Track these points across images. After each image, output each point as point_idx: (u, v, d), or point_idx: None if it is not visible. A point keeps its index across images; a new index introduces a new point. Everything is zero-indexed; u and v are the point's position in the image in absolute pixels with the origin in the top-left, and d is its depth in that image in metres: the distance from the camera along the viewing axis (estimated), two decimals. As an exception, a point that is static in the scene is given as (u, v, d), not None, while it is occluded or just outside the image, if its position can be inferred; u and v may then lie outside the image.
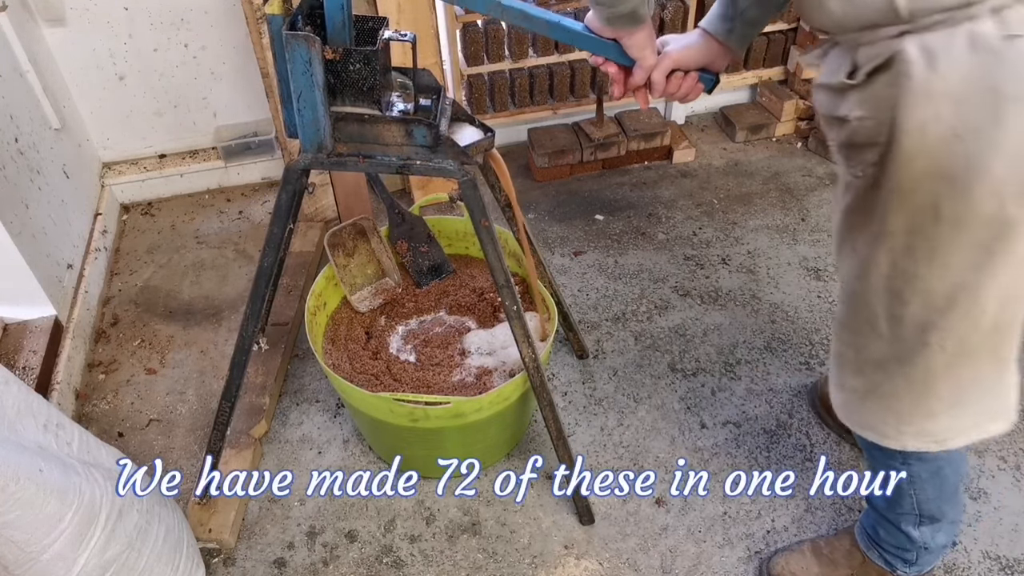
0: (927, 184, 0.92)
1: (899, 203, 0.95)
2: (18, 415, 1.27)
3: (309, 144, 1.20)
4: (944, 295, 0.99)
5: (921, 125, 0.88)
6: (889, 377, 1.11)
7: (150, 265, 2.33)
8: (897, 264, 1.00)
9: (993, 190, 0.88)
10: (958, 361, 1.05)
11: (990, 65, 0.83)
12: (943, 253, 0.95)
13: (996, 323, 1.00)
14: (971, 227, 0.92)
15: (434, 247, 1.83)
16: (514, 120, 2.64)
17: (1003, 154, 0.86)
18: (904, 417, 1.14)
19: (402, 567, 1.60)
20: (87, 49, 2.25)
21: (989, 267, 0.94)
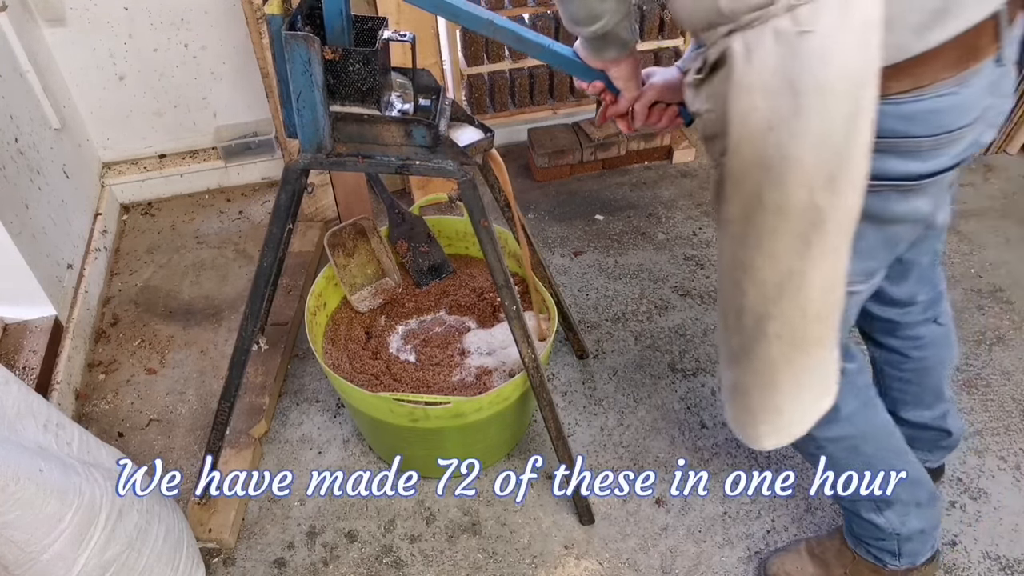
0: (752, 173, 0.95)
1: (733, 192, 0.99)
2: (18, 415, 1.27)
3: (308, 144, 1.20)
4: (775, 284, 1.01)
5: (743, 116, 0.92)
6: (743, 372, 1.13)
7: (150, 265, 2.33)
8: (736, 254, 1.03)
9: (803, 180, 0.91)
10: (792, 351, 1.07)
11: (788, 59, 0.87)
12: (770, 242, 0.98)
13: (819, 312, 1.02)
14: (790, 216, 0.95)
15: (434, 247, 1.83)
16: (514, 120, 2.64)
17: (806, 145, 0.89)
18: (757, 415, 1.16)
19: (402, 567, 1.60)
20: (87, 49, 2.25)
21: (809, 256, 0.97)
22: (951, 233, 2.33)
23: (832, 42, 0.85)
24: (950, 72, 0.91)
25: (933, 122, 0.94)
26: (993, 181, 2.54)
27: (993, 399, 1.87)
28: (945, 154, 0.98)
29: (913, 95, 0.92)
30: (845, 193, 0.92)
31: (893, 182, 0.99)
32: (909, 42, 0.88)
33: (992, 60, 0.96)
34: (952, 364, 1.50)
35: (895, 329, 1.42)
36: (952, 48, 0.90)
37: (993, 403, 1.86)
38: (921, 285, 1.36)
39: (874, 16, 0.84)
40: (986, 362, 1.95)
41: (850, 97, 0.87)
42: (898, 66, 0.89)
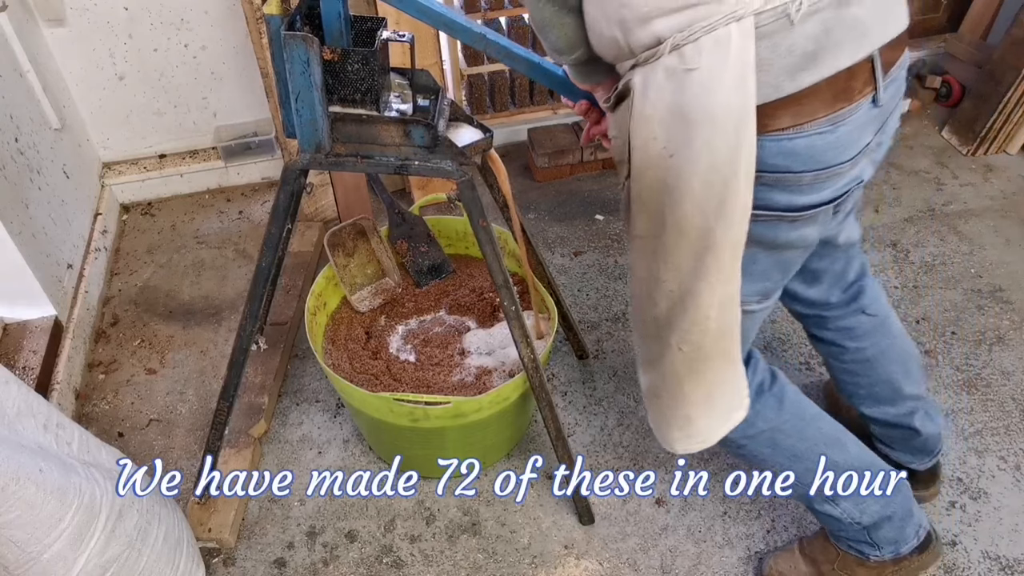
0: (655, 195, 1.02)
1: (639, 210, 1.06)
2: (18, 415, 1.27)
3: (307, 144, 1.20)
4: (679, 297, 1.08)
5: (644, 143, 1.00)
6: (656, 377, 1.21)
7: (150, 265, 2.33)
8: (648, 267, 1.10)
9: (698, 205, 0.98)
10: (697, 365, 1.14)
11: (678, 93, 0.94)
12: (674, 257, 1.05)
13: (720, 327, 1.09)
14: (688, 236, 1.02)
15: (434, 247, 1.83)
16: (514, 120, 2.64)
17: (698, 172, 0.96)
18: (669, 420, 1.23)
19: (402, 567, 1.60)
20: (87, 49, 2.25)
21: (704, 275, 1.04)
22: (951, 233, 2.33)
23: (714, 78, 0.92)
24: (824, 112, 0.98)
25: (812, 158, 1.00)
26: (993, 181, 2.54)
27: (993, 399, 1.87)
28: (827, 187, 1.05)
29: (790, 132, 0.98)
30: (732, 220, 0.99)
31: (779, 212, 1.05)
32: (782, 83, 0.94)
33: (868, 101, 1.02)
34: (906, 359, 1.51)
35: (824, 323, 1.49)
36: (825, 89, 0.96)
37: (993, 403, 1.86)
38: (834, 288, 1.44)
39: (748, 57, 0.91)
40: (986, 362, 1.95)
41: (732, 130, 0.94)
42: (774, 104, 0.95)
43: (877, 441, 1.62)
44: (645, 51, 0.96)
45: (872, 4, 0.96)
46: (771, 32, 0.91)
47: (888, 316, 1.49)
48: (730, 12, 0.90)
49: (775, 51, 0.92)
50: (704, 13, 0.90)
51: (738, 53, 0.90)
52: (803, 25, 0.91)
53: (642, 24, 0.94)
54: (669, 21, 0.92)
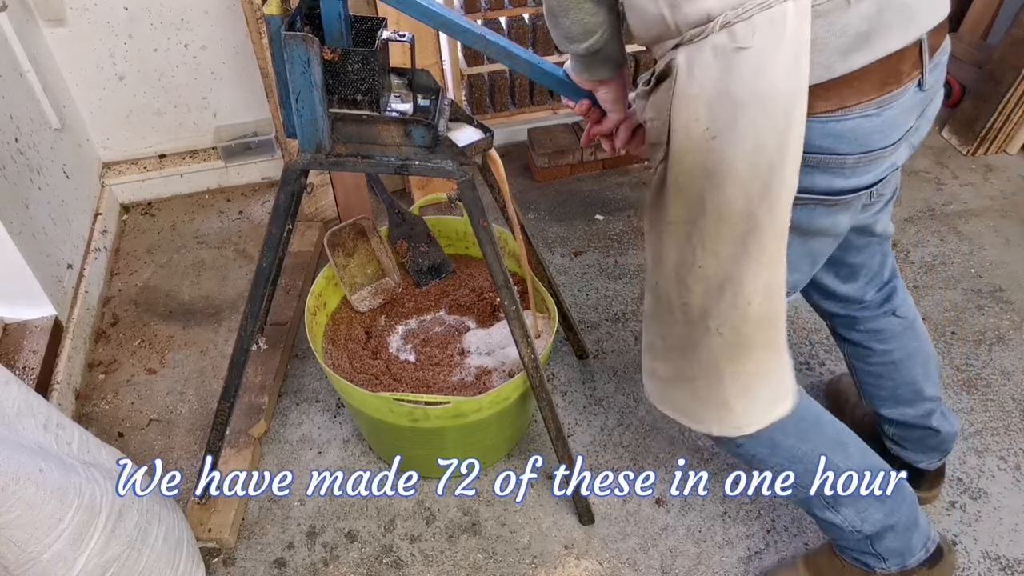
0: (695, 179, 1.01)
1: (676, 195, 1.05)
2: (18, 415, 1.27)
3: (307, 144, 1.20)
4: (717, 283, 1.07)
5: (685, 125, 0.98)
6: (688, 361, 1.19)
7: (150, 265, 2.33)
8: (682, 253, 1.09)
9: (741, 188, 0.97)
10: (737, 350, 1.12)
11: (726, 73, 0.93)
12: (712, 242, 1.04)
13: (764, 314, 1.08)
14: (729, 221, 1.00)
15: (434, 247, 1.83)
16: (514, 120, 2.64)
17: (743, 154, 0.95)
18: (704, 401, 1.22)
19: (402, 567, 1.60)
20: (87, 49, 2.25)
21: (746, 260, 1.03)
22: (951, 233, 2.34)
23: (766, 58, 0.90)
24: (873, 94, 0.97)
25: (857, 141, 0.99)
26: (993, 181, 2.54)
27: (993, 399, 1.87)
28: (869, 172, 1.04)
29: (838, 114, 0.97)
30: (777, 203, 0.97)
31: (819, 196, 1.04)
32: (834, 63, 0.92)
33: (914, 85, 1.01)
34: (927, 361, 1.50)
35: (854, 323, 1.47)
36: (875, 71, 0.95)
37: (993, 403, 1.86)
38: (870, 285, 1.42)
39: (804, 36, 0.89)
40: (986, 362, 1.95)
41: (782, 112, 0.92)
42: (824, 85, 0.94)
43: (889, 440, 1.61)
44: (693, 28, 0.94)
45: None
46: (827, 11, 0.90)
47: (916, 319, 1.48)
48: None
49: (831, 30, 0.90)
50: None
51: (794, 32, 0.89)
52: (859, 5, 0.90)
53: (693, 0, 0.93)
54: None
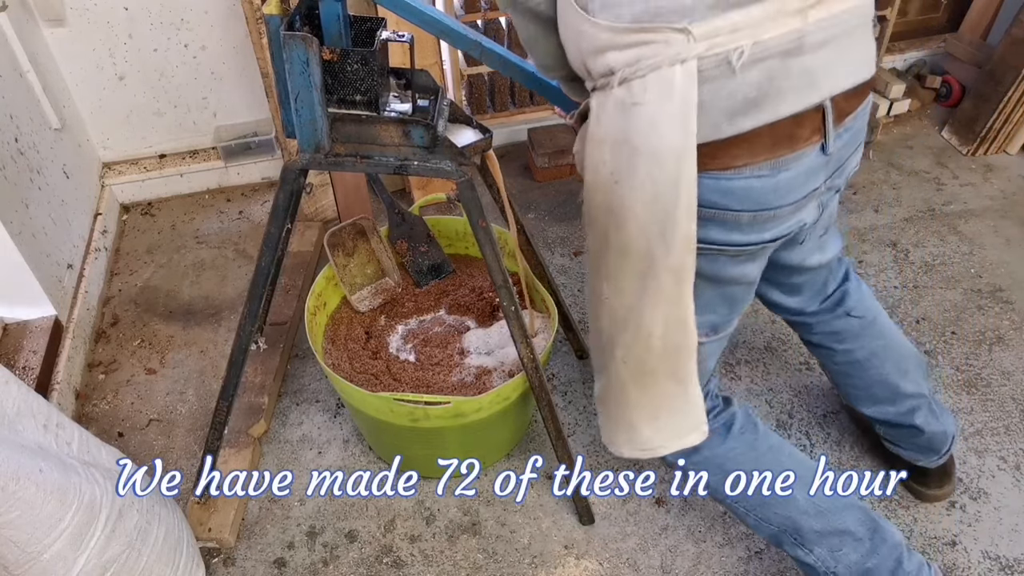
0: (601, 216, 1.06)
1: (588, 229, 1.10)
2: (18, 415, 1.27)
3: (307, 144, 1.20)
4: (621, 315, 1.11)
5: (594, 165, 1.03)
6: (604, 382, 1.25)
7: (150, 265, 2.33)
8: (591, 283, 1.14)
9: (641, 229, 1.01)
10: (642, 378, 1.16)
11: (625, 123, 0.97)
12: (616, 277, 1.09)
13: (667, 347, 1.11)
14: (630, 258, 1.05)
15: (434, 247, 1.83)
16: (514, 120, 2.64)
17: (641, 199, 0.99)
18: (614, 423, 1.27)
19: (402, 567, 1.60)
20: (87, 49, 2.25)
21: (645, 296, 1.07)
22: (951, 233, 2.33)
23: (658, 115, 0.94)
24: (764, 156, 0.98)
25: (751, 199, 1.02)
26: (993, 181, 2.54)
27: (993, 399, 1.87)
28: (768, 228, 1.06)
29: (729, 173, 0.99)
30: (674, 246, 1.01)
31: (719, 247, 1.07)
32: (722, 125, 0.95)
33: (815, 148, 1.02)
34: (901, 358, 1.50)
35: (810, 328, 1.50)
36: (765, 135, 0.98)
37: (993, 403, 1.86)
38: (815, 298, 1.45)
39: (691, 98, 0.92)
40: (986, 362, 1.95)
41: (674, 165, 0.96)
42: (714, 144, 0.97)
43: (884, 440, 1.62)
44: (601, 78, 0.99)
45: (826, 54, 0.96)
46: (714, 77, 0.93)
47: (877, 317, 1.48)
48: (675, 54, 0.91)
49: (717, 94, 0.94)
50: (651, 52, 0.92)
51: (682, 93, 0.92)
52: (745, 73, 0.92)
53: (597, 54, 0.97)
54: (619, 55, 0.95)
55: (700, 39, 0.91)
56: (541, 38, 1.08)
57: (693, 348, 1.11)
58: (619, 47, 0.94)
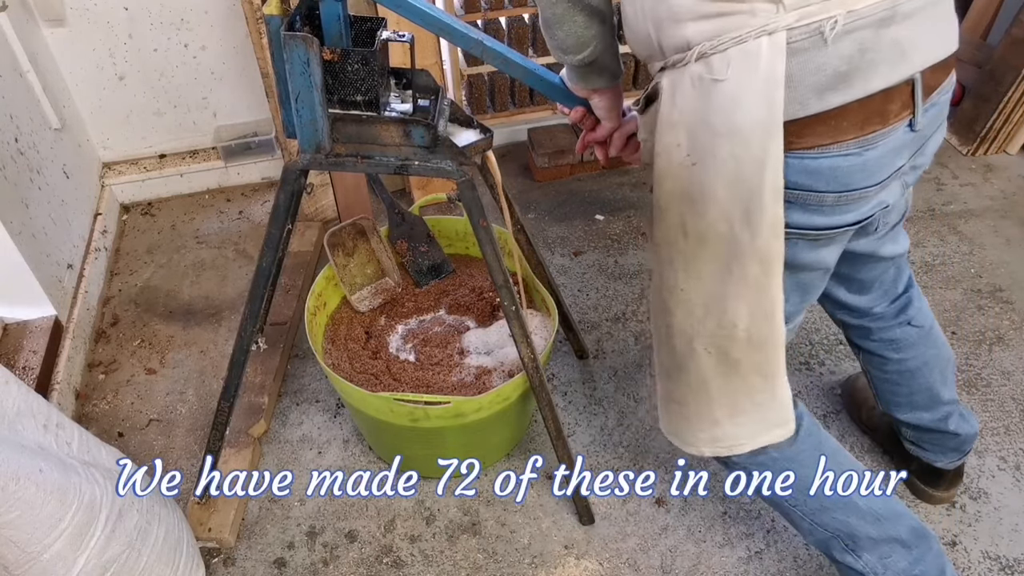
0: (675, 204, 1.01)
1: (660, 218, 1.06)
2: (18, 415, 1.27)
3: (307, 144, 1.20)
4: (700, 305, 1.07)
5: (667, 149, 0.98)
6: (676, 384, 1.20)
7: (150, 265, 2.33)
8: (664, 276, 1.09)
9: (723, 213, 0.97)
10: (725, 370, 1.12)
11: (704, 102, 0.93)
12: (694, 266, 1.04)
13: (753, 339, 1.07)
14: (711, 244, 1.01)
15: (434, 247, 1.83)
16: (514, 120, 2.64)
17: (723, 181, 0.95)
18: (693, 422, 1.23)
19: (402, 567, 1.60)
20: (87, 49, 2.25)
21: (730, 282, 1.02)
22: (951, 233, 2.33)
23: (741, 91, 0.90)
24: (853, 134, 0.94)
25: (837, 179, 0.97)
26: (993, 181, 2.54)
27: (993, 399, 1.87)
28: (851, 210, 1.02)
29: (815, 152, 0.94)
30: (761, 230, 0.96)
31: (799, 231, 1.03)
32: (809, 101, 0.91)
33: (904, 125, 0.97)
34: (945, 366, 1.49)
35: (869, 333, 1.45)
36: (855, 111, 0.93)
37: (993, 403, 1.86)
38: (884, 298, 1.40)
39: (778, 72, 0.88)
40: (986, 362, 1.95)
41: (759, 144, 0.91)
42: (800, 122, 0.92)
43: (907, 442, 1.60)
44: (675, 54, 0.95)
45: (916, 25, 0.92)
46: (803, 49, 0.88)
47: (933, 326, 1.46)
48: (761, 25, 0.87)
49: (805, 68, 0.89)
50: (735, 24, 0.88)
51: (767, 67, 0.88)
52: (837, 44, 0.88)
53: (674, 24, 0.92)
54: (700, 27, 0.91)
55: (791, 9, 0.86)
56: (568, 17, 1.04)
57: (781, 342, 1.07)
58: (699, 17, 0.89)
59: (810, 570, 1.57)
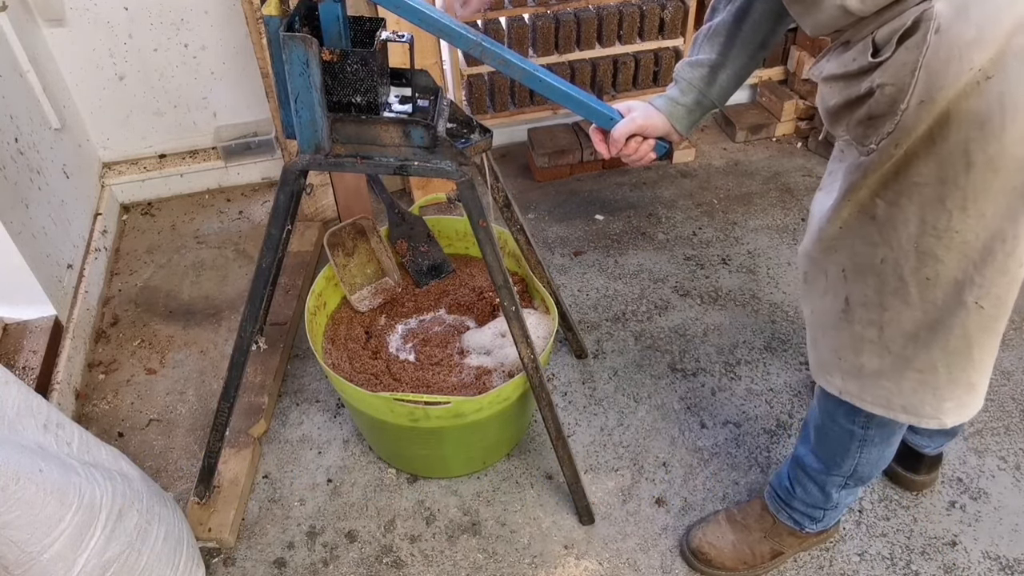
0: (958, 131, 0.91)
1: (926, 156, 0.95)
2: (18, 415, 1.27)
3: (307, 145, 1.20)
4: (980, 247, 0.97)
5: (948, 73, 0.88)
6: (924, 348, 1.08)
7: (150, 265, 2.33)
8: (927, 220, 0.98)
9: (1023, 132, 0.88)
10: (993, 322, 1.03)
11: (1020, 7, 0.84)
12: (977, 201, 0.94)
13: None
14: (1004, 172, 0.91)
15: (434, 247, 1.83)
16: (514, 120, 2.64)
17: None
18: (942, 391, 1.12)
19: (402, 567, 1.60)
20: (87, 49, 2.25)
21: (1022, 217, 0.94)
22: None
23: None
24: None
25: None
26: (994, 180, 2.54)
27: (993, 399, 1.87)
28: None
29: None
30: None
31: None
32: None
33: None
34: None
35: None
36: None
37: (993, 403, 1.86)
38: None
39: None
40: (986, 362, 1.95)
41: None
42: None
43: None
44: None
45: None
46: None
47: None
48: None
49: None
50: None
51: None
52: None
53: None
54: None
55: None
56: None
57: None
58: None
59: (810, 570, 1.57)
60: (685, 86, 1.27)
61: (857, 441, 1.30)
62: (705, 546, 1.55)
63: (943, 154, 0.93)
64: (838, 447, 1.33)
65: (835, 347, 1.18)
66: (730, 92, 1.28)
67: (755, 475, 1.73)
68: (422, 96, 1.28)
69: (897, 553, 1.59)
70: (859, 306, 1.12)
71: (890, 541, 1.61)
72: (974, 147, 0.91)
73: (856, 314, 1.13)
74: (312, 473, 1.77)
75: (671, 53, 2.58)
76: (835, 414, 1.29)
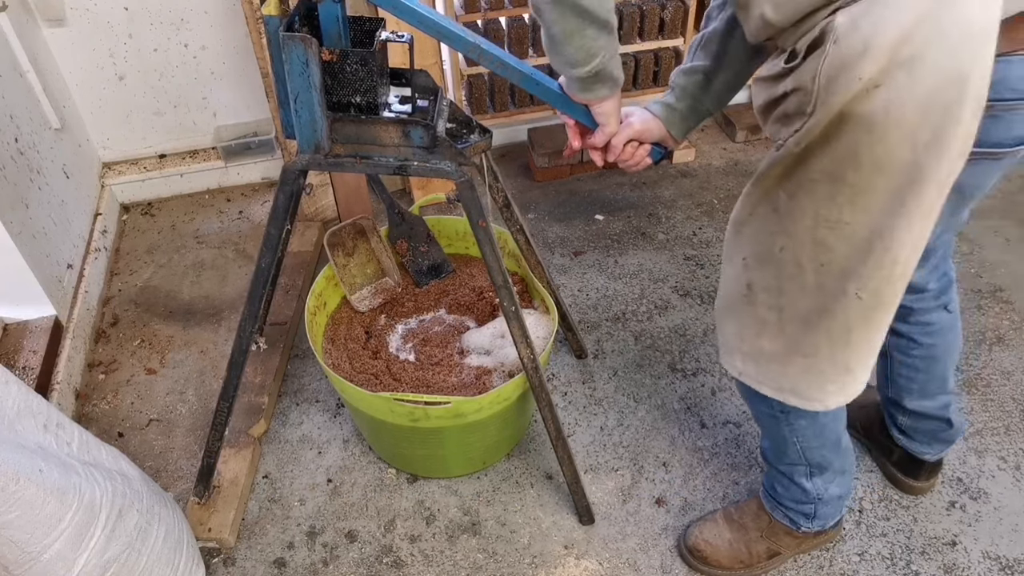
0: (848, 134, 0.97)
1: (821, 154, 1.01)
2: (18, 415, 1.27)
3: (306, 145, 1.20)
4: (864, 239, 1.03)
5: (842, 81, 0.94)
6: (812, 331, 1.15)
7: (150, 265, 2.33)
8: (820, 212, 1.05)
9: (906, 137, 0.94)
10: (872, 314, 1.10)
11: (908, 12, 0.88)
12: (863, 198, 1.00)
13: (903, 274, 1.05)
14: (887, 173, 0.97)
15: (434, 247, 1.83)
16: (514, 120, 2.64)
17: (914, 103, 0.91)
18: (827, 374, 1.18)
19: (402, 567, 1.60)
20: (87, 49, 2.25)
21: (902, 214, 0.99)
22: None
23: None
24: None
25: None
26: (994, 180, 2.54)
27: (993, 399, 1.87)
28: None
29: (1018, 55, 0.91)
30: (947, 152, 0.93)
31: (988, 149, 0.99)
32: None
33: None
34: (956, 355, 1.51)
35: (908, 315, 1.44)
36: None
37: (993, 403, 1.86)
38: (935, 272, 1.39)
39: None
40: (986, 362, 1.95)
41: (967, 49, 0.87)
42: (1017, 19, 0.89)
43: (897, 430, 1.62)
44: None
45: None
46: None
47: (958, 315, 1.48)
48: None
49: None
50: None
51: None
52: None
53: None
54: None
55: None
56: (578, 31, 1.06)
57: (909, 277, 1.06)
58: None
59: (810, 570, 1.57)
60: (680, 92, 1.30)
61: (784, 426, 1.35)
62: (702, 544, 1.56)
63: (836, 153, 1.00)
64: (775, 434, 1.39)
65: (738, 330, 1.24)
66: (725, 98, 1.32)
67: (755, 475, 1.73)
68: (422, 96, 1.28)
69: (897, 553, 1.59)
70: (761, 290, 1.18)
71: (890, 541, 1.61)
72: (862, 149, 0.97)
73: (759, 297, 1.19)
74: (312, 473, 1.77)
75: (671, 53, 2.58)
76: (752, 400, 1.35)
